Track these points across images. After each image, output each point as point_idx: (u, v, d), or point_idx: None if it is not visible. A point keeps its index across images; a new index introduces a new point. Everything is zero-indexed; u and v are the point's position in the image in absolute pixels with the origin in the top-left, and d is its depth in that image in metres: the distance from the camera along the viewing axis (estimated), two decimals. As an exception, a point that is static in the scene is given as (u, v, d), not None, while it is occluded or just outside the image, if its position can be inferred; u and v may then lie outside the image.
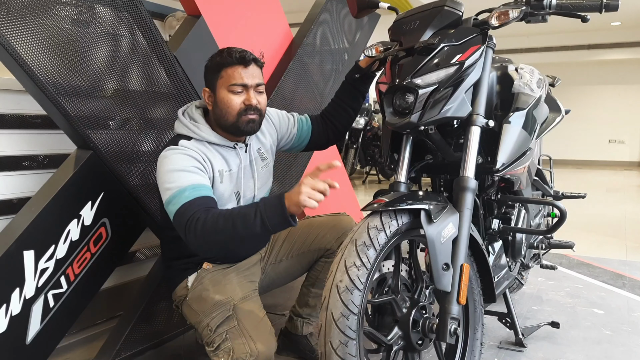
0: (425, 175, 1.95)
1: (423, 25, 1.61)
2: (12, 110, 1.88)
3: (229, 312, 1.67)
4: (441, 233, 1.42)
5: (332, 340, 1.33)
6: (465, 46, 1.55)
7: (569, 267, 3.47)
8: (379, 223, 1.43)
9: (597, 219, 5.38)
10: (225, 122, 1.69)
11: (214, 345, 1.64)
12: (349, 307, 1.34)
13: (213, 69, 1.70)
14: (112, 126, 1.86)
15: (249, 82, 1.68)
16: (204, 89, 1.74)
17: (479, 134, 1.58)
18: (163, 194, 1.59)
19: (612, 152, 12.83)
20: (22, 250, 1.61)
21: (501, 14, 1.58)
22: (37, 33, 1.59)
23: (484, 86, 1.61)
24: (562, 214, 1.81)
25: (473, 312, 1.66)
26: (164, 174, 1.59)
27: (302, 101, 2.81)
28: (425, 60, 1.53)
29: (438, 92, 1.51)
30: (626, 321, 2.50)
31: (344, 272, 1.36)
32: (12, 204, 1.86)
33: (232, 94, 1.67)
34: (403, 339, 1.49)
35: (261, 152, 1.87)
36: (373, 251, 1.39)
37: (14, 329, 1.61)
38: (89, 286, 1.85)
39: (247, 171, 1.79)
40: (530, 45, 12.21)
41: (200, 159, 1.64)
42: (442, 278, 1.41)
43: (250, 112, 1.68)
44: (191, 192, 1.54)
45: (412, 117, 1.52)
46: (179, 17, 3.21)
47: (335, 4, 3.00)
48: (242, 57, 1.67)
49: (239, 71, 1.67)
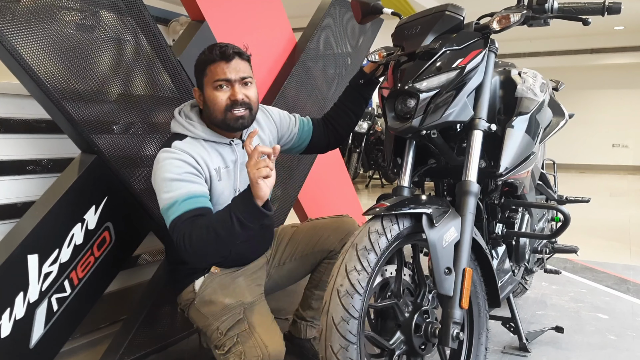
0: (428, 180, 1.95)
1: (425, 30, 1.61)
2: (16, 114, 1.89)
3: (240, 315, 1.68)
4: (443, 237, 1.42)
5: (333, 345, 1.34)
6: (467, 50, 1.56)
7: (573, 271, 3.46)
8: (380, 227, 1.43)
9: (601, 223, 5.36)
10: (215, 119, 1.69)
11: (225, 348, 1.64)
12: (350, 312, 1.34)
13: (199, 67, 1.71)
14: (116, 130, 1.87)
15: (232, 76, 1.66)
16: (194, 88, 1.75)
17: (481, 138, 1.58)
18: (159, 202, 1.60)
19: (615, 156, 12.78)
20: (26, 254, 1.62)
21: (502, 18, 1.57)
22: (42, 38, 1.60)
23: (486, 90, 1.60)
24: (566, 218, 1.80)
25: (477, 317, 1.66)
26: (159, 181, 1.59)
27: (305, 105, 2.82)
28: (426, 65, 1.53)
29: (439, 97, 1.51)
30: (630, 326, 2.48)
31: (345, 276, 1.37)
32: (16, 208, 1.86)
33: (216, 91, 1.67)
34: (405, 343, 1.49)
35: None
36: (374, 255, 1.39)
37: (17, 333, 1.61)
38: (93, 290, 1.85)
39: (243, 167, 1.77)
40: (534, 49, 12.20)
41: (193, 162, 1.63)
42: (444, 282, 1.41)
43: (237, 108, 1.67)
44: (179, 206, 1.55)
45: (413, 121, 1.52)
46: (182, 22, 3.22)
47: (339, 9, 3.01)
48: (223, 52, 1.65)
49: (221, 67, 1.66)
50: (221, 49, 1.66)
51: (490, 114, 1.74)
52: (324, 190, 3.21)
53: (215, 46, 1.68)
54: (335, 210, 3.09)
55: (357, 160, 7.92)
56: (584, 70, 12.57)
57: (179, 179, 1.58)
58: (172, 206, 1.55)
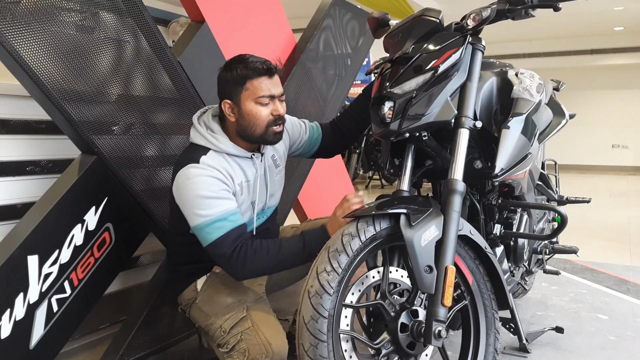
0: (426, 181, 1.96)
1: (404, 37, 1.66)
2: (16, 115, 1.89)
3: (243, 313, 1.69)
4: (421, 236, 1.44)
5: (304, 343, 1.38)
6: (442, 51, 1.58)
7: (573, 272, 3.46)
8: (354, 229, 1.46)
9: (601, 224, 5.36)
10: (253, 134, 1.68)
11: (229, 346, 1.65)
12: (319, 311, 1.38)
13: (236, 80, 1.66)
14: (116, 131, 1.87)
15: (275, 92, 1.68)
16: (224, 101, 1.69)
17: (467, 136, 1.58)
18: (191, 218, 1.61)
19: (615, 157, 12.78)
20: (26, 255, 1.62)
21: (475, 14, 1.61)
22: (42, 39, 1.60)
23: (471, 89, 1.61)
24: (563, 219, 1.81)
25: (484, 317, 1.66)
26: (193, 198, 1.59)
27: (305, 106, 2.82)
28: (403, 69, 1.57)
29: (416, 99, 1.54)
30: (630, 327, 2.49)
31: (315, 277, 1.42)
32: (16, 209, 1.87)
33: (260, 106, 1.66)
34: (392, 343, 1.49)
35: (275, 159, 1.88)
36: (345, 257, 1.43)
37: (17, 334, 1.61)
38: (93, 291, 1.86)
39: (262, 180, 1.79)
40: (533, 50, 12.21)
41: (224, 178, 1.64)
42: (424, 280, 1.43)
43: (278, 123, 1.69)
44: (225, 223, 1.58)
45: (392, 125, 1.55)
46: (182, 22, 3.23)
47: (339, 9, 3.01)
48: (269, 68, 1.65)
49: (265, 82, 1.65)
50: (265, 64, 1.65)
51: (487, 114, 1.75)
52: (323, 191, 3.21)
53: (257, 60, 1.66)
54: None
55: (356, 161, 7.92)
56: (583, 71, 12.57)
57: (215, 196, 1.59)
58: (212, 224, 1.57)
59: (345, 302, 1.46)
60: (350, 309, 1.47)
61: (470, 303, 1.65)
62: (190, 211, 1.60)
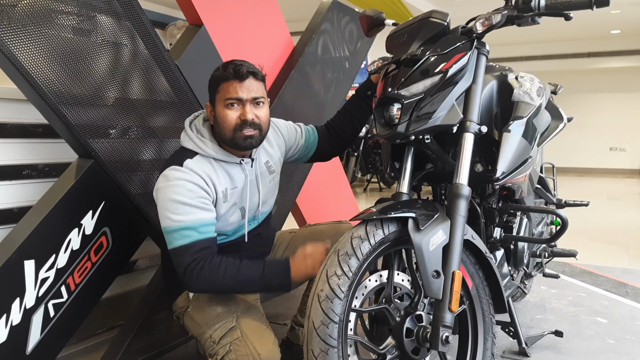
0: (426, 184, 1.95)
1: (410, 38, 1.65)
2: (13, 119, 1.88)
3: (232, 323, 1.66)
4: (430, 240, 1.42)
5: (314, 348, 1.36)
6: (450, 54, 1.57)
7: (572, 275, 3.46)
8: (363, 233, 1.44)
9: (600, 227, 5.37)
10: (224, 138, 1.68)
11: (218, 357, 1.63)
12: (329, 316, 1.36)
13: (212, 83, 1.69)
14: (113, 135, 1.86)
15: (244, 96, 1.65)
16: (206, 104, 1.73)
17: (472, 140, 1.58)
18: (162, 219, 1.60)
19: (613, 159, 12.82)
20: (23, 259, 1.61)
21: (485, 19, 1.60)
22: (39, 42, 1.59)
23: (476, 93, 1.61)
24: (564, 222, 1.80)
25: (482, 322, 1.65)
26: (168, 201, 1.58)
27: (303, 110, 2.81)
28: (411, 71, 1.55)
29: (424, 101, 1.53)
30: (630, 330, 2.48)
31: (325, 281, 1.39)
32: (12, 213, 1.86)
33: (227, 109, 1.65)
34: (397, 348, 1.48)
35: (269, 165, 1.86)
36: (355, 260, 1.40)
37: (14, 339, 1.60)
38: (90, 296, 1.84)
39: (252, 186, 1.78)
40: (531, 53, 12.25)
41: (204, 185, 1.62)
42: (432, 285, 1.41)
43: (246, 128, 1.65)
44: (194, 233, 1.57)
45: (399, 127, 1.54)
46: (180, 25, 3.23)
47: (337, 13, 3.01)
48: (237, 71, 1.64)
49: (234, 85, 1.64)
50: (236, 67, 1.64)
51: (487, 118, 1.74)
52: (322, 194, 3.20)
53: (231, 64, 1.66)
54: (333, 214, 3.09)
55: (355, 164, 7.92)
56: (580, 74, 12.62)
57: (190, 204, 1.58)
58: (180, 230, 1.56)
59: (352, 307, 1.44)
60: (354, 314, 1.46)
61: (469, 308, 1.64)
62: (163, 213, 1.59)
